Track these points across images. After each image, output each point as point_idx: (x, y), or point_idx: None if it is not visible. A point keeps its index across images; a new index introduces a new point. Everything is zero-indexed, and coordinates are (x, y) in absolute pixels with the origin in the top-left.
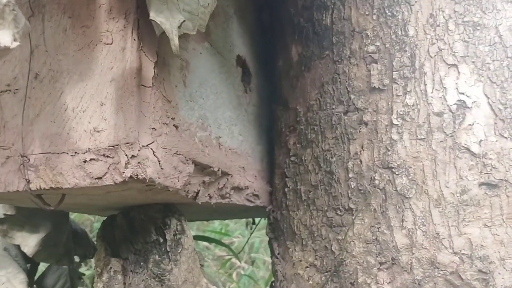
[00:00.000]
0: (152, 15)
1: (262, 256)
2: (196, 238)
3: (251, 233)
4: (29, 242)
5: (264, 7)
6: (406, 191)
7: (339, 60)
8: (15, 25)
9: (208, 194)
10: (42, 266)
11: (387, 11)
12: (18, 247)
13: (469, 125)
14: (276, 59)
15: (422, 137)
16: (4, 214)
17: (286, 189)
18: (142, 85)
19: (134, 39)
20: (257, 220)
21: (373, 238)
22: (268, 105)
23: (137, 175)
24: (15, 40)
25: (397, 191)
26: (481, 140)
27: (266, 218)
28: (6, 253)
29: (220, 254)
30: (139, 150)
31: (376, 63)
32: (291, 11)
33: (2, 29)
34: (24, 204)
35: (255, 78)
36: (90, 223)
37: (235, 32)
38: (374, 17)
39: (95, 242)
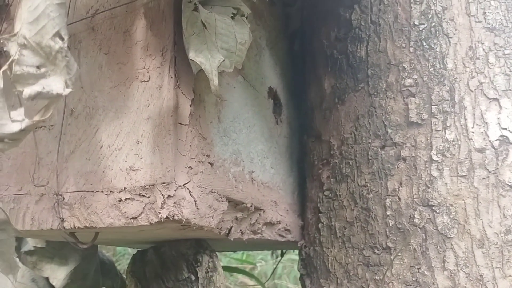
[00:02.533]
0: (192, 55)
1: (285, 282)
2: (224, 268)
3: (277, 264)
4: (57, 274)
5: (295, 37)
6: (447, 231)
7: (375, 93)
8: (67, 72)
9: (240, 230)
10: None
11: (424, 44)
12: (46, 278)
13: None
14: (308, 90)
15: (464, 174)
16: (34, 246)
17: (319, 225)
18: (178, 123)
19: (171, 77)
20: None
21: (413, 279)
22: (299, 136)
23: (173, 216)
24: (67, 86)
25: (437, 230)
26: None
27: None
28: (34, 284)
29: (243, 280)
30: (175, 190)
31: (414, 97)
32: (323, 43)
33: (54, 75)
34: (55, 239)
35: (286, 109)
36: (113, 247)
37: (267, 64)
38: (411, 49)
39: (121, 271)
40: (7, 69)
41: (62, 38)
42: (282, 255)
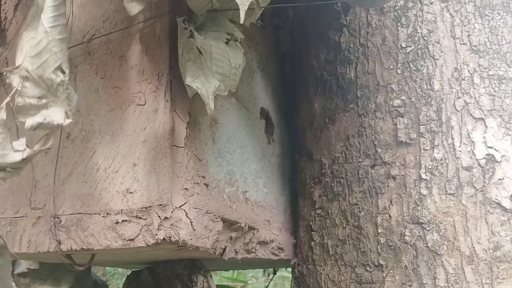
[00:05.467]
0: (188, 81)
1: None
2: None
3: (269, 282)
4: None
5: (286, 59)
6: (437, 247)
7: (364, 114)
8: (68, 103)
9: (234, 250)
10: None
11: (411, 66)
12: None
13: (499, 179)
14: (299, 110)
15: (452, 192)
16: (27, 268)
17: (312, 243)
18: (174, 145)
19: (167, 101)
20: None
21: None
22: (290, 154)
23: (170, 237)
24: (67, 117)
25: (428, 247)
26: None
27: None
28: None
29: None
30: (172, 212)
31: (402, 117)
32: (313, 64)
33: (55, 106)
34: (51, 261)
35: (278, 129)
36: (103, 267)
37: (258, 85)
38: (399, 71)
39: None
40: (9, 100)
41: (63, 72)
42: (274, 273)
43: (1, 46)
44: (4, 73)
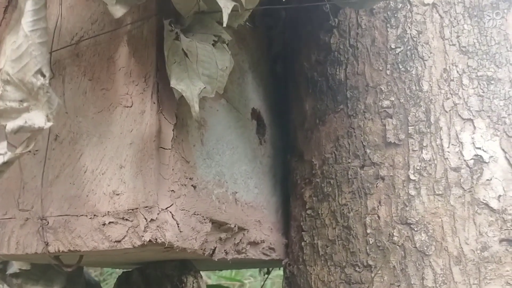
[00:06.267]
0: (173, 83)
1: None
2: (209, 287)
3: (264, 282)
4: None
5: (277, 59)
6: (425, 248)
7: (354, 115)
8: (49, 107)
9: (225, 250)
10: None
11: (400, 66)
12: None
13: (487, 180)
14: (290, 111)
15: (440, 192)
16: (19, 269)
17: (302, 243)
18: (161, 147)
19: (154, 102)
20: None
21: None
22: (282, 155)
23: (156, 239)
24: (48, 120)
25: (416, 248)
26: (500, 195)
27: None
28: None
29: None
30: (158, 214)
31: (391, 118)
32: (304, 65)
33: (36, 110)
34: (40, 262)
35: (269, 129)
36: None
37: (249, 86)
38: (388, 72)
39: None
40: None
41: (43, 75)
42: (268, 272)
43: None
44: None
